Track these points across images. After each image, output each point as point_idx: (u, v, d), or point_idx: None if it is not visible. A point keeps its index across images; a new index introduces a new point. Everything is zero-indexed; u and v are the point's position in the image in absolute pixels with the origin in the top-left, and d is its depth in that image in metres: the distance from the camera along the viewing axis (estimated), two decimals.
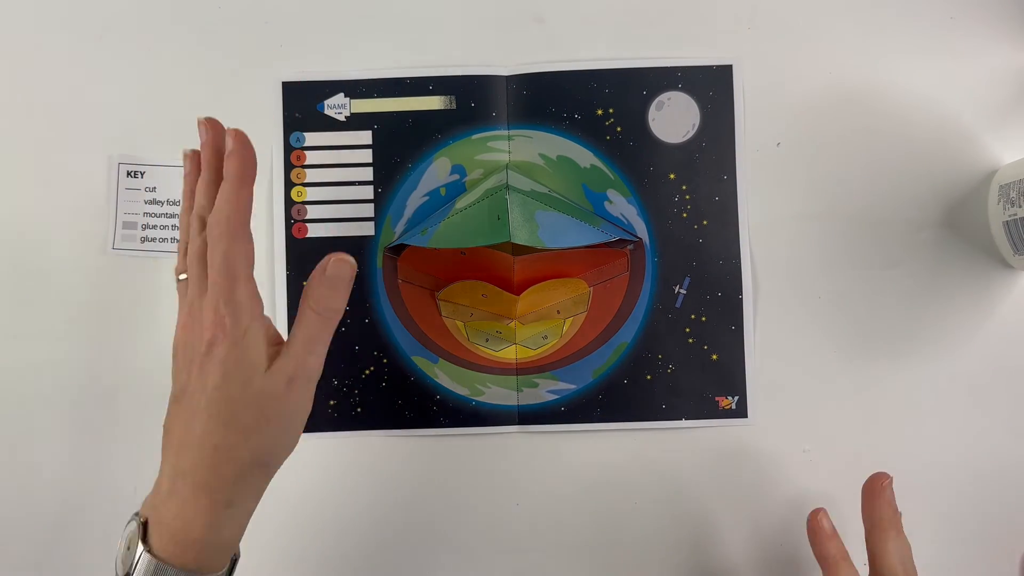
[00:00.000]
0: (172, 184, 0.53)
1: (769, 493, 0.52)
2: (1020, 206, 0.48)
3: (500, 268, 0.52)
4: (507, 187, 0.51)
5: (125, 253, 0.53)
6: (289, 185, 0.53)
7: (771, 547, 0.52)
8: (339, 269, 0.41)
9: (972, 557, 0.52)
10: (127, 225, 0.53)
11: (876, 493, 0.46)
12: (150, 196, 0.53)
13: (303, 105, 0.53)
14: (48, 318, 0.53)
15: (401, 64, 0.53)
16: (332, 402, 0.52)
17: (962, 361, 0.52)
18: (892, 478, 0.46)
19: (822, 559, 0.46)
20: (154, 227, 0.53)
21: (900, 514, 0.46)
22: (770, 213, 0.52)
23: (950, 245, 0.52)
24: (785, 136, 0.53)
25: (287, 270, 0.52)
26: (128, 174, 0.53)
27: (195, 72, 0.53)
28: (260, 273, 0.52)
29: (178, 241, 0.46)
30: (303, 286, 0.52)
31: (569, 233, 0.50)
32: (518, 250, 0.51)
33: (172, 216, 0.53)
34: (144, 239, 0.53)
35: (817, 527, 0.47)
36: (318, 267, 0.41)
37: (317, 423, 0.52)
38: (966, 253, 0.52)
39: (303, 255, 0.52)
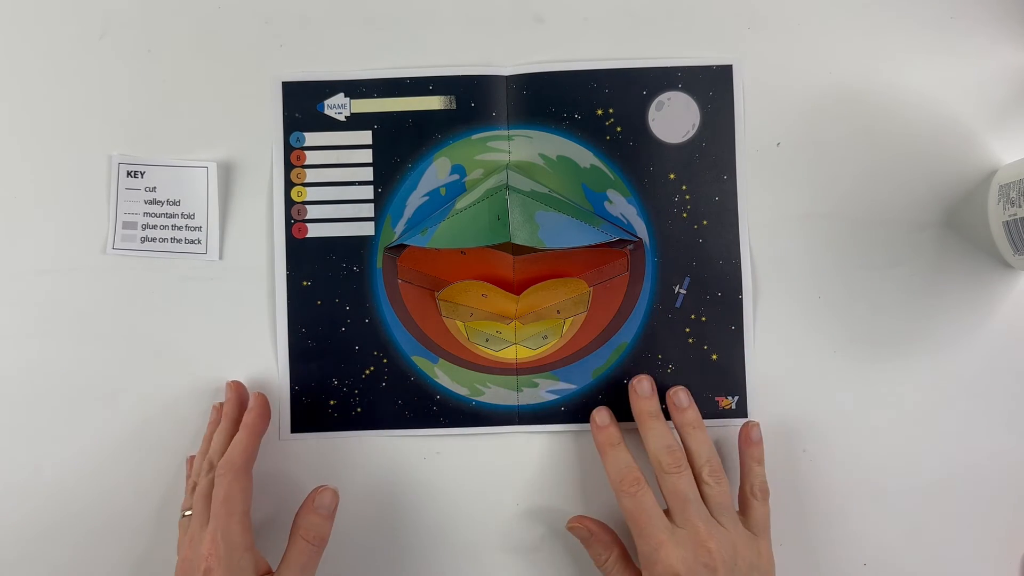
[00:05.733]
0: (172, 184, 0.53)
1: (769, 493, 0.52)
2: (1020, 206, 0.48)
3: (500, 268, 0.52)
4: (507, 187, 0.51)
5: (125, 253, 0.53)
6: (289, 185, 0.53)
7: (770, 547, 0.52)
8: (326, 499, 0.47)
9: (972, 557, 0.52)
10: (127, 225, 0.53)
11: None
12: (150, 196, 0.53)
13: (303, 105, 0.53)
14: (48, 318, 0.53)
15: (401, 64, 0.53)
16: (332, 402, 0.52)
17: (962, 361, 0.52)
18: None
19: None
20: (154, 227, 0.53)
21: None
22: (770, 213, 0.52)
23: (950, 245, 0.52)
24: (785, 136, 0.53)
25: (287, 270, 0.52)
26: (128, 174, 0.53)
27: (195, 72, 0.53)
28: (260, 273, 0.53)
29: (187, 478, 0.51)
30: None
31: (569, 233, 0.50)
32: (518, 250, 0.51)
33: (172, 216, 0.53)
34: (144, 239, 0.53)
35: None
36: (307, 499, 0.47)
37: (317, 423, 0.52)
38: (966, 253, 0.52)
39: (303, 255, 0.52)
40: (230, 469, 0.45)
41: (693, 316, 0.52)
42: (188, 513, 0.47)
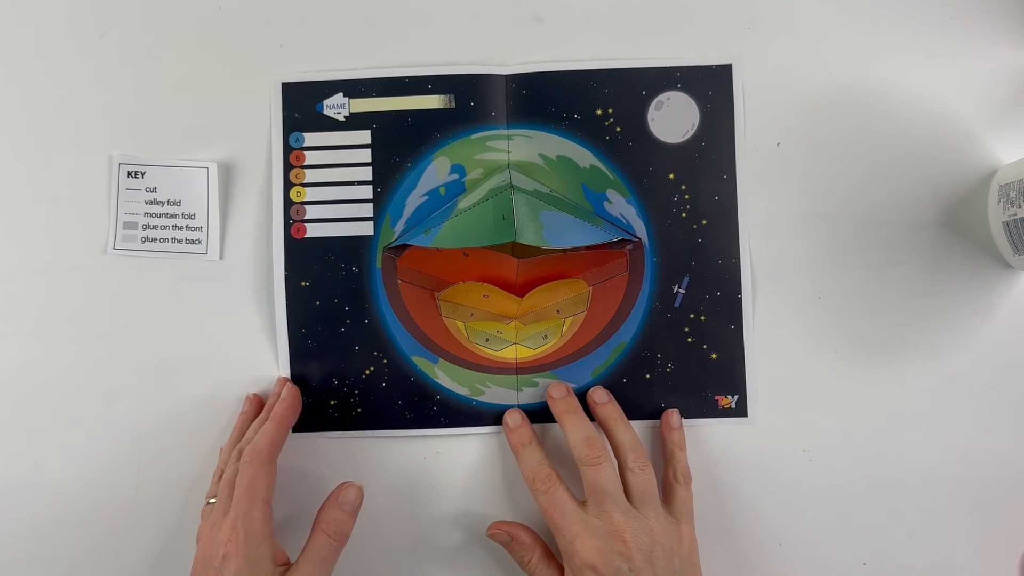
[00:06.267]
0: (172, 184, 0.53)
1: (769, 493, 0.52)
2: (1020, 206, 0.48)
3: (503, 270, 0.52)
4: (512, 187, 0.51)
5: (125, 253, 0.53)
6: (288, 185, 0.53)
7: (770, 547, 0.52)
8: (351, 495, 0.47)
9: (972, 557, 0.52)
10: (127, 225, 0.53)
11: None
12: (150, 196, 0.53)
13: (302, 105, 0.53)
14: (48, 318, 0.53)
15: (400, 63, 0.53)
16: (332, 402, 0.52)
17: (962, 361, 0.52)
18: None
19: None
20: (154, 227, 0.53)
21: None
22: (770, 213, 0.52)
23: (950, 245, 0.52)
24: (785, 136, 0.53)
25: (285, 270, 0.52)
26: (128, 174, 0.53)
27: (195, 72, 0.53)
28: (260, 273, 0.53)
29: (216, 467, 0.51)
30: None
31: (572, 233, 0.50)
32: (519, 252, 0.51)
33: (172, 216, 0.53)
34: (144, 239, 0.53)
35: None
36: (331, 495, 0.47)
37: (317, 423, 0.52)
38: (966, 253, 0.52)
39: (302, 255, 0.52)
40: (256, 457, 0.45)
41: (692, 316, 0.52)
42: (212, 501, 0.47)
